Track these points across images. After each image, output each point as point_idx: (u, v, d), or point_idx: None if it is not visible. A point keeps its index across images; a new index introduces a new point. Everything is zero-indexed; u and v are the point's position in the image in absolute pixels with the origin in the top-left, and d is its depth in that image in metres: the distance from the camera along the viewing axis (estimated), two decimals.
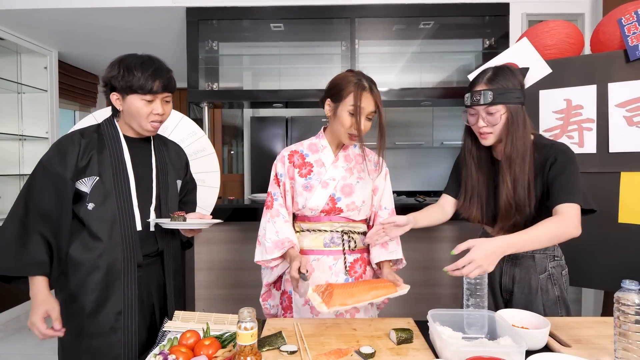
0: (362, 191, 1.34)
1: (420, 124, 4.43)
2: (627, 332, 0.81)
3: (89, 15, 2.77)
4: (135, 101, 1.14)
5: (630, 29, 1.58)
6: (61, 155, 1.12)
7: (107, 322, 1.12)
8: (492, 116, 1.19)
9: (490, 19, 2.69)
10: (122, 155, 1.19)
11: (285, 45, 3.13)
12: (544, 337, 0.96)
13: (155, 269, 1.24)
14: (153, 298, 1.23)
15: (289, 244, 1.27)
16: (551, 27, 1.77)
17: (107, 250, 1.12)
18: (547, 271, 1.27)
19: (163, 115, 1.19)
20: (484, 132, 1.23)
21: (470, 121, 1.26)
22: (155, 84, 1.14)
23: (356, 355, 0.94)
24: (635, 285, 0.83)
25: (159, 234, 1.23)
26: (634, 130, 1.58)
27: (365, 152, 1.36)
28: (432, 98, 2.72)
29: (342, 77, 1.29)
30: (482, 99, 1.19)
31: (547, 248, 1.27)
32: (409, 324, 1.14)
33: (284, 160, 1.36)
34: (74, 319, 1.12)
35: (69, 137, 1.16)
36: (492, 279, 1.33)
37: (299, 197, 1.32)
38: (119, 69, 1.13)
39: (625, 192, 1.61)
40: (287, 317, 1.35)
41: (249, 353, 0.76)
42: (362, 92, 1.23)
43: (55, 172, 1.11)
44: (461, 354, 0.84)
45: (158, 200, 1.24)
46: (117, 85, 1.14)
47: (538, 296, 1.25)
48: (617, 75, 1.62)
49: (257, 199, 2.65)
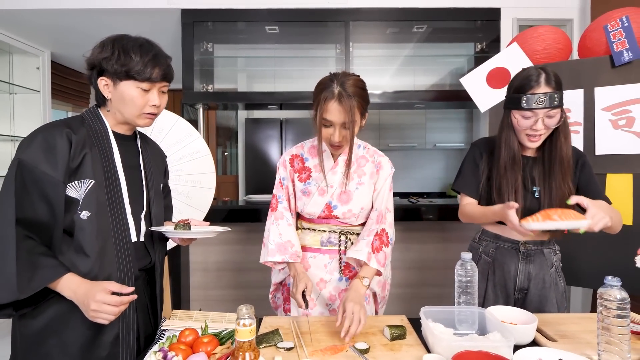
0: (361, 198, 1.30)
1: (413, 126, 4.49)
2: (610, 326, 0.85)
3: (83, 16, 2.77)
4: (130, 89, 0.99)
5: (616, 35, 1.63)
6: (48, 152, 0.92)
7: (104, 350, 0.96)
8: (552, 119, 1.18)
9: (482, 23, 2.75)
10: (112, 156, 1.02)
11: (280, 48, 3.15)
12: (532, 332, 1.00)
13: (141, 284, 1.09)
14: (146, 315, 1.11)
15: (292, 248, 1.28)
16: (540, 32, 1.82)
17: (98, 268, 0.95)
18: (554, 265, 1.33)
19: (159, 107, 1.05)
20: (539, 135, 1.21)
21: (523, 124, 1.21)
22: (154, 70, 0.99)
23: (351, 350, 0.96)
24: (617, 282, 0.86)
25: (150, 245, 1.10)
26: (618, 133, 1.64)
27: (369, 152, 1.33)
28: (425, 101, 2.76)
29: (317, 86, 1.21)
30: (548, 101, 1.16)
31: (550, 243, 1.33)
32: (402, 321, 1.17)
33: (285, 164, 1.36)
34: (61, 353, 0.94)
35: (55, 129, 0.95)
36: (505, 281, 1.33)
37: (299, 201, 1.34)
38: (112, 50, 0.97)
39: (610, 193, 1.66)
40: (286, 307, 1.38)
41: (247, 349, 0.78)
42: (326, 103, 1.15)
43: (42, 174, 0.90)
44: (452, 348, 0.87)
45: (148, 207, 1.10)
46: (110, 68, 0.97)
47: (551, 290, 1.30)
48: (603, 80, 1.67)
49: (252, 200, 2.66)
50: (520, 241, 1.31)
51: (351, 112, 1.14)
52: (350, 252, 1.26)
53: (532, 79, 1.19)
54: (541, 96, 1.16)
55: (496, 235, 1.36)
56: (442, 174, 4.68)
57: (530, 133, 1.22)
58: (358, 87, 1.18)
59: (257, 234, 2.42)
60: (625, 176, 1.63)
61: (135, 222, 1.05)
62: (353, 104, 1.15)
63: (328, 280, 1.32)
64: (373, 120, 4.46)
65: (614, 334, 0.85)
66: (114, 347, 0.97)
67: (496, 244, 1.35)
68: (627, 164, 1.63)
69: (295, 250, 1.29)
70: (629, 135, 1.62)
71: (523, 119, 1.21)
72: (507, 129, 1.27)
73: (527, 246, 1.31)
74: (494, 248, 1.35)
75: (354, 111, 1.16)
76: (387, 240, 1.27)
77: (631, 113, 1.61)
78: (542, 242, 1.31)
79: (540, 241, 1.31)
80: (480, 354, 0.84)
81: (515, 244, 1.32)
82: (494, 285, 1.35)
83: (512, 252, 1.32)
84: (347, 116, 1.14)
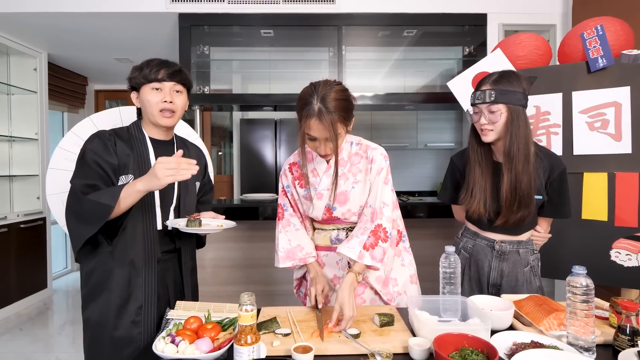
0: (359, 196, 1.30)
1: (405, 126, 4.59)
2: (576, 310, 0.94)
3: (81, 19, 2.81)
4: (147, 92, 1.21)
5: (591, 43, 1.74)
6: (106, 146, 1.18)
7: (130, 316, 1.17)
8: (493, 114, 1.28)
9: (469, 28, 2.86)
10: (147, 156, 1.24)
11: (275, 51, 3.22)
12: (509, 318, 1.09)
13: (172, 265, 1.31)
14: (169, 293, 1.28)
15: (301, 252, 1.33)
16: (522, 39, 1.92)
17: (127, 245, 1.18)
18: (530, 264, 1.39)
19: (172, 104, 1.23)
20: (485, 129, 1.31)
21: (474, 119, 1.35)
22: (161, 72, 1.20)
23: (344, 335, 1.05)
24: (582, 270, 0.96)
25: (176, 233, 1.28)
26: (594, 134, 1.74)
27: (362, 148, 1.32)
28: (416, 102, 2.86)
29: (299, 99, 1.20)
30: (486, 97, 1.27)
31: (528, 243, 1.40)
32: (391, 309, 1.25)
33: (286, 173, 1.40)
34: (100, 311, 1.18)
35: (105, 134, 1.21)
36: (479, 276, 1.42)
37: (303, 205, 1.40)
38: (133, 71, 1.24)
39: (587, 191, 1.77)
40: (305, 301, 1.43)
41: (249, 332, 0.86)
42: (308, 120, 1.15)
43: (106, 160, 1.16)
44: (435, 332, 0.95)
45: (178, 200, 1.29)
46: (134, 83, 1.23)
47: (524, 288, 1.37)
48: (580, 85, 1.77)
49: (248, 199, 2.74)
50: (496, 240, 1.39)
51: (332, 127, 1.14)
52: (341, 247, 1.24)
53: (483, 80, 1.33)
54: (481, 93, 1.29)
55: (475, 233, 1.44)
56: (433, 173, 4.80)
57: (480, 127, 1.33)
58: (339, 99, 1.16)
59: (253, 232, 2.50)
60: (601, 175, 1.74)
61: (163, 213, 1.26)
62: (334, 118, 1.14)
63: (341, 277, 1.35)
64: (365, 121, 4.56)
65: (579, 317, 0.94)
66: (137, 316, 1.18)
67: (474, 241, 1.44)
68: (602, 163, 1.74)
69: (306, 253, 1.33)
70: (603, 137, 1.73)
71: (474, 115, 1.35)
72: (471, 128, 1.40)
73: (502, 245, 1.38)
74: (472, 245, 1.44)
75: (336, 126, 1.15)
76: (384, 235, 1.23)
77: (606, 116, 1.72)
78: (519, 242, 1.38)
79: (517, 241, 1.38)
80: (459, 336, 0.92)
81: (491, 242, 1.40)
82: (469, 279, 1.44)
83: (487, 249, 1.40)
84: (329, 132, 1.15)
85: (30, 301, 3.37)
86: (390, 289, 1.36)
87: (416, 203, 2.48)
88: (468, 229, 1.48)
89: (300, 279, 1.49)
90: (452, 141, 4.58)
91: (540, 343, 0.94)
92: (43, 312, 3.27)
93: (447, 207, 2.38)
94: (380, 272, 1.32)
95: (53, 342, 2.69)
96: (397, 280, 1.38)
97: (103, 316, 1.18)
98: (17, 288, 3.24)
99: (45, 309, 3.34)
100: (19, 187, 3.44)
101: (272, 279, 2.52)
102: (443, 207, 2.37)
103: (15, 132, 3.38)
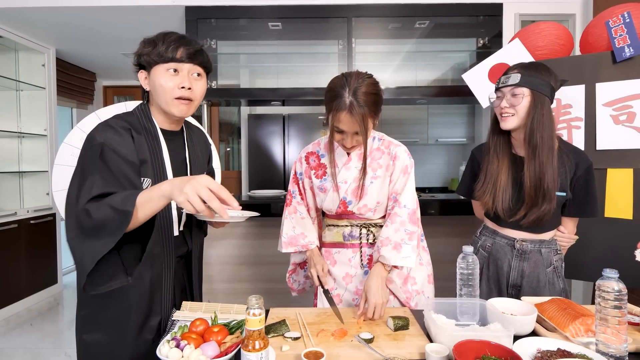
0: (377, 192, 1.28)
1: (415, 121, 4.50)
2: (607, 316, 0.88)
3: (88, 13, 2.79)
4: (160, 73, 1.00)
5: (617, 31, 1.65)
6: (125, 139, 0.97)
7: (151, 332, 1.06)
8: (515, 97, 1.22)
9: (484, 18, 2.76)
10: (160, 153, 1.05)
11: (283, 44, 3.17)
12: (532, 323, 1.02)
13: (181, 266, 1.18)
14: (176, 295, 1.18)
15: (304, 239, 1.34)
16: (542, 28, 1.83)
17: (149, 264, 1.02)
18: (553, 265, 1.32)
19: (190, 91, 1.02)
20: (505, 112, 1.24)
21: (495, 103, 1.29)
22: (179, 51, 0.99)
23: (356, 340, 1.00)
24: (614, 274, 0.89)
25: (188, 235, 1.17)
26: (619, 128, 1.65)
27: (384, 144, 1.30)
28: (427, 96, 2.78)
29: (329, 89, 1.17)
30: (510, 79, 1.23)
31: (551, 243, 1.33)
32: (405, 312, 1.20)
33: (301, 161, 1.38)
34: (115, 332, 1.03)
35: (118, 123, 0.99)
36: (499, 276, 1.36)
37: (317, 197, 1.37)
38: (143, 45, 1.02)
39: (611, 188, 1.68)
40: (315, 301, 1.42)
41: (257, 337, 0.81)
42: (338, 113, 1.12)
43: (124, 155, 0.95)
44: (454, 338, 0.90)
45: None
46: (143, 61, 1.02)
47: (546, 289, 1.31)
48: (604, 76, 1.68)
49: (256, 196, 2.70)
50: (517, 239, 1.33)
51: (363, 122, 1.12)
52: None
53: (512, 67, 1.29)
54: (506, 77, 1.25)
55: (494, 231, 1.38)
56: (444, 169, 4.70)
57: (500, 112, 1.28)
58: (371, 93, 1.14)
59: (261, 228, 2.46)
60: (626, 171, 1.65)
61: (179, 215, 1.12)
62: (365, 113, 1.12)
63: (354, 275, 1.33)
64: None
65: (611, 324, 0.87)
66: (157, 331, 1.07)
67: (493, 239, 1.38)
68: (627, 158, 1.65)
69: (308, 241, 1.34)
70: (629, 131, 1.64)
71: (496, 100, 1.29)
72: (492, 121, 1.35)
73: (523, 243, 1.31)
74: (491, 243, 1.38)
75: (366, 120, 1.13)
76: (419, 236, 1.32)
77: (632, 108, 1.63)
78: (540, 240, 1.32)
79: (539, 240, 1.32)
80: (481, 343, 0.87)
81: (511, 241, 1.33)
82: (488, 279, 1.38)
83: (507, 248, 1.34)
84: (359, 126, 1.13)
85: (41, 296, 3.39)
86: (409, 287, 1.34)
87: (429, 200, 2.42)
88: (487, 226, 1.42)
89: (296, 265, 1.48)
90: (464, 136, 4.48)
91: (567, 351, 0.88)
92: (53, 307, 3.29)
93: (459, 205, 2.32)
94: (404, 269, 1.31)
95: (62, 338, 2.70)
96: (416, 279, 1.35)
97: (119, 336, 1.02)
98: (28, 283, 3.26)
99: (55, 304, 3.36)
100: (29, 183, 3.45)
101: (279, 276, 2.47)
102: (455, 204, 2.30)
103: (24, 128, 3.39)
